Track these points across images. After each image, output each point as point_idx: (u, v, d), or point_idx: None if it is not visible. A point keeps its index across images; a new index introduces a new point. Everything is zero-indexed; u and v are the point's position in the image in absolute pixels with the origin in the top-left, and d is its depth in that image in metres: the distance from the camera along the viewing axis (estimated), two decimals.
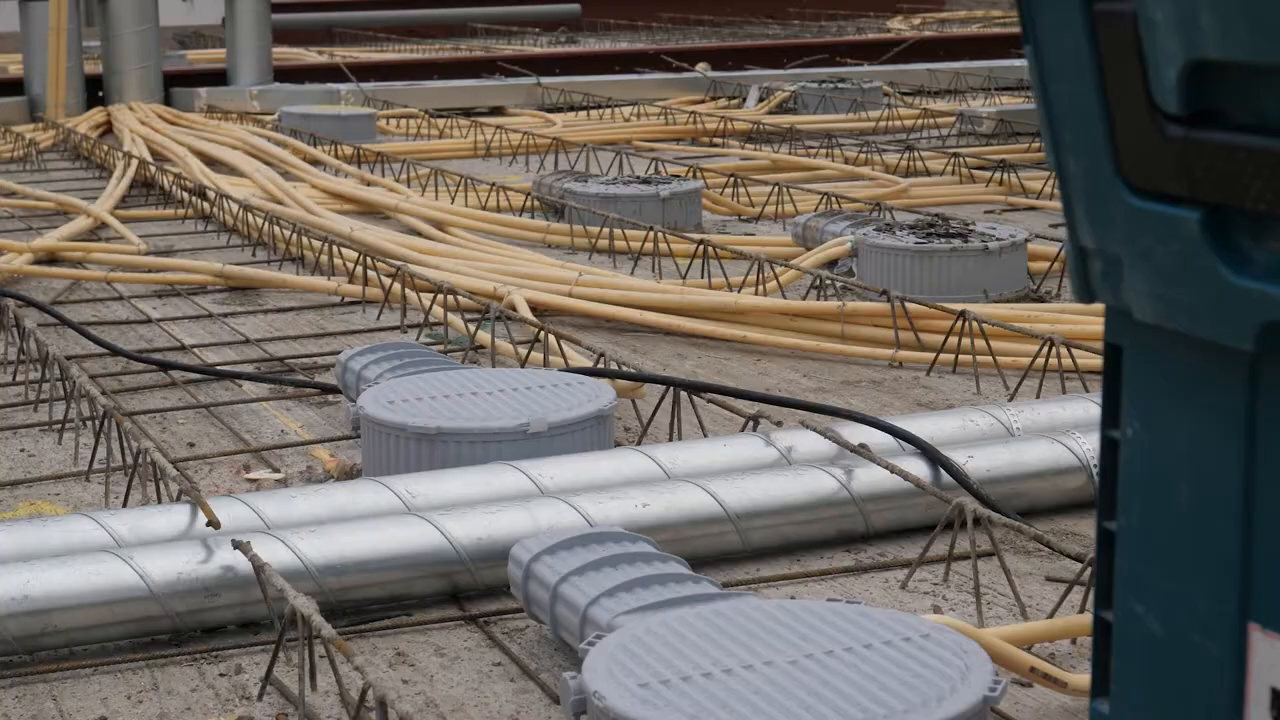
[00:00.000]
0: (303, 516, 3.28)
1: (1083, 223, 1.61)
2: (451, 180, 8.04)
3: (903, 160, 8.75)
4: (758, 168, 8.86)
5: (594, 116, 11.63)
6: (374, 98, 12.08)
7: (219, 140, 9.82)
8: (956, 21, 22.01)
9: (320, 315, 5.79)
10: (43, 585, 2.93)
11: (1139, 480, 1.65)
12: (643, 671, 2.41)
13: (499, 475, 3.45)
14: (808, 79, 12.60)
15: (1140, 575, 1.66)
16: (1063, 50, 1.56)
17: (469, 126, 10.65)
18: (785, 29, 21.10)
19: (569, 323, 5.44)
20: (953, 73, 13.31)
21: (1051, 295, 5.83)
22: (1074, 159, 1.59)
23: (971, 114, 10.41)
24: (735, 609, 2.63)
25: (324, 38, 20.19)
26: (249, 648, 3.03)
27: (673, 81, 12.99)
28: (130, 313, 5.86)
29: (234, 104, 12.02)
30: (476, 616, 3.15)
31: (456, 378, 3.98)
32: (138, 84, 12.02)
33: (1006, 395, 4.58)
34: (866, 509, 3.48)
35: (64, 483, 4.00)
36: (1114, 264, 1.59)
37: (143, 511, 3.25)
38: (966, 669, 2.38)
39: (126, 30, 11.94)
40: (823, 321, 5.22)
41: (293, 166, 8.81)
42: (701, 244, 5.98)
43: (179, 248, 7.08)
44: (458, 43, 19.17)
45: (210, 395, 4.75)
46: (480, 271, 5.91)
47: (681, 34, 20.60)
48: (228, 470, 4.07)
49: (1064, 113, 1.58)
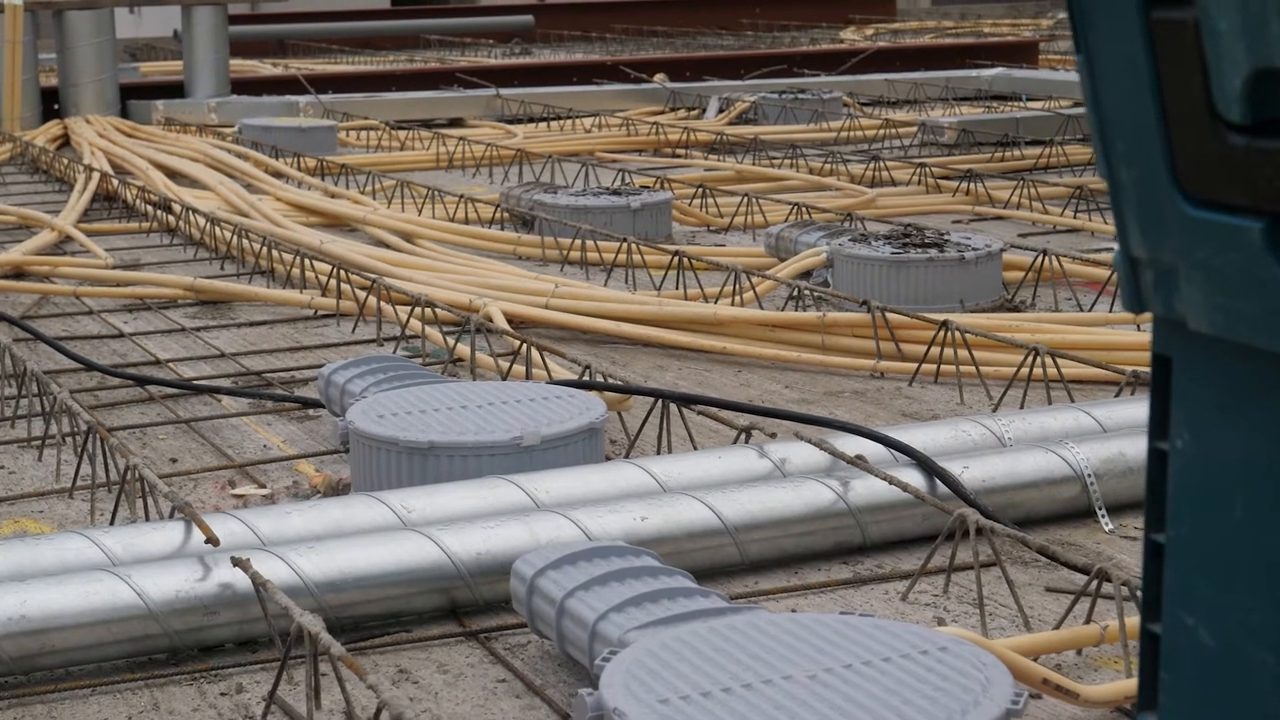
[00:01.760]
0: (298, 533, 3.24)
1: (1135, 233, 1.59)
2: (418, 192, 8.00)
3: (868, 170, 8.76)
4: (723, 179, 8.85)
5: (555, 128, 11.61)
6: (333, 110, 12.03)
7: (179, 153, 9.75)
8: (909, 32, 22.09)
9: (294, 329, 5.75)
10: (40, 605, 2.89)
11: (1190, 492, 1.64)
12: (661, 688, 2.38)
13: (494, 489, 3.43)
14: (767, 90, 12.61)
15: (1191, 587, 1.65)
16: (1117, 59, 1.54)
17: (431, 138, 10.61)
18: (739, 40, 21.13)
19: (546, 335, 5.41)
20: (911, 83, 13.35)
21: (1026, 305, 5.83)
22: (1127, 168, 1.58)
23: (933, 124, 10.44)
24: (748, 623, 2.61)
25: (276, 50, 20.10)
26: (249, 666, 2.99)
27: (632, 92, 12.99)
28: (102, 327, 5.81)
29: (192, 116, 11.95)
30: (477, 632, 3.12)
31: (445, 391, 3.95)
32: (94, 96, 11.94)
33: (990, 405, 4.58)
34: (864, 520, 3.46)
35: (47, 500, 3.95)
36: (1167, 274, 1.58)
37: (136, 529, 3.21)
38: (987, 682, 2.37)
39: (83, 43, 11.85)
40: (801, 332, 5.21)
41: (255, 179, 8.76)
42: (677, 255, 5.97)
43: (145, 261, 7.02)
44: (411, 54, 19.11)
45: (189, 410, 4.70)
46: (454, 284, 5.88)
47: (635, 45, 20.60)
48: (212, 486, 4.03)
49: (1117, 122, 1.57)
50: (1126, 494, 3.71)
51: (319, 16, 21.86)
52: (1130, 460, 3.70)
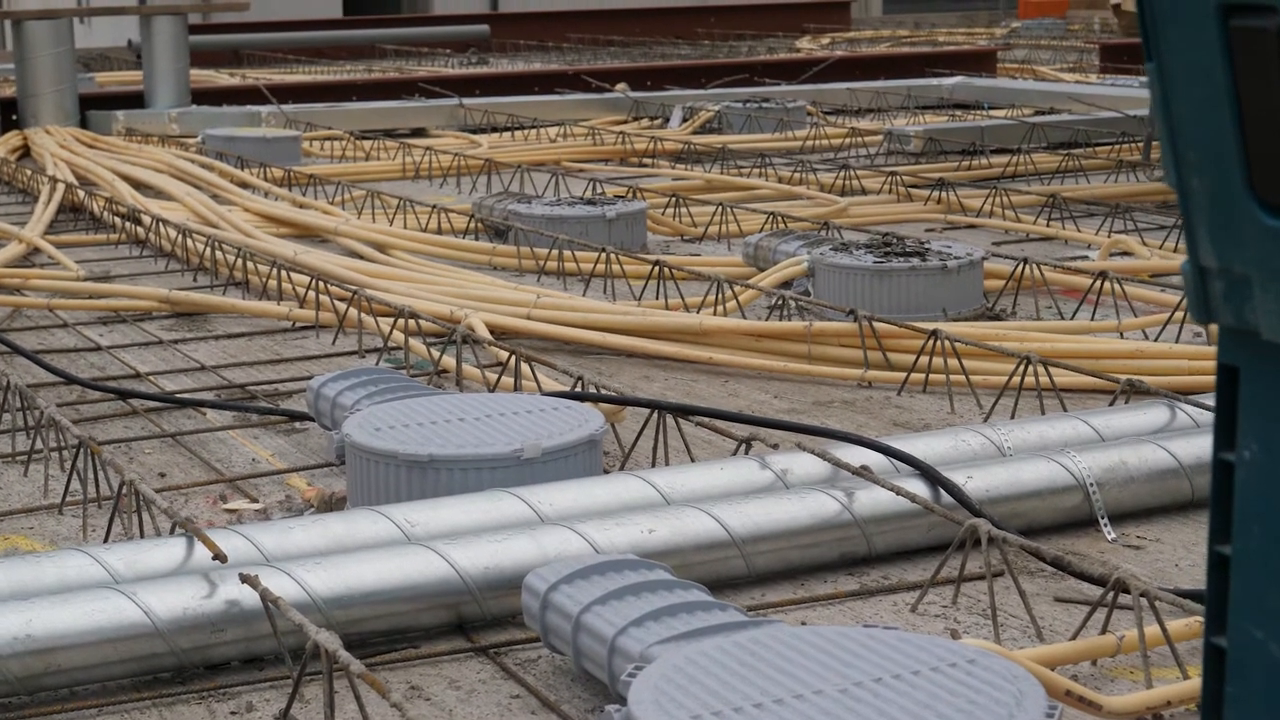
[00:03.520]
0: (301, 548, 3.20)
1: (1205, 242, 1.58)
2: (389, 203, 7.95)
3: (838, 179, 8.75)
4: (693, 188, 8.83)
5: (519, 137, 11.57)
6: (295, 120, 11.96)
7: (143, 164, 9.67)
8: (865, 41, 22.14)
9: (273, 341, 5.70)
10: (45, 623, 2.84)
11: (1258, 503, 1.62)
12: (692, 704, 2.36)
13: (497, 503, 3.39)
14: (730, 99, 12.61)
15: (1261, 600, 1.63)
16: (1191, 67, 1.53)
17: (397, 148, 10.56)
18: (696, 49, 21.13)
19: (527, 345, 5.37)
20: (873, 92, 13.36)
21: (1006, 314, 5.83)
22: (1199, 177, 1.56)
23: (900, 133, 10.45)
24: (771, 637, 2.59)
25: (231, 59, 20.00)
26: (257, 684, 2.95)
27: (595, 102, 12.97)
28: (77, 340, 5.74)
29: (153, 127, 11.86)
30: (487, 648, 3.08)
31: (441, 404, 3.91)
32: (53, 107, 11.83)
33: (980, 414, 4.57)
34: (869, 531, 3.44)
35: (36, 516, 3.89)
36: (1239, 284, 1.56)
37: (138, 545, 3.16)
38: (1021, 695, 2.35)
39: (42, 53, 11.75)
40: (786, 342, 5.19)
41: (222, 190, 8.69)
42: (657, 265, 5.94)
43: (116, 273, 6.95)
44: (369, 64, 19.04)
45: (173, 424, 4.65)
46: (434, 295, 5.83)
47: (593, 54, 20.58)
48: (204, 501, 3.98)
49: (1189, 130, 1.55)
50: (1129, 503, 3.71)
51: (272, 26, 21.76)
52: (1131, 469, 3.70)
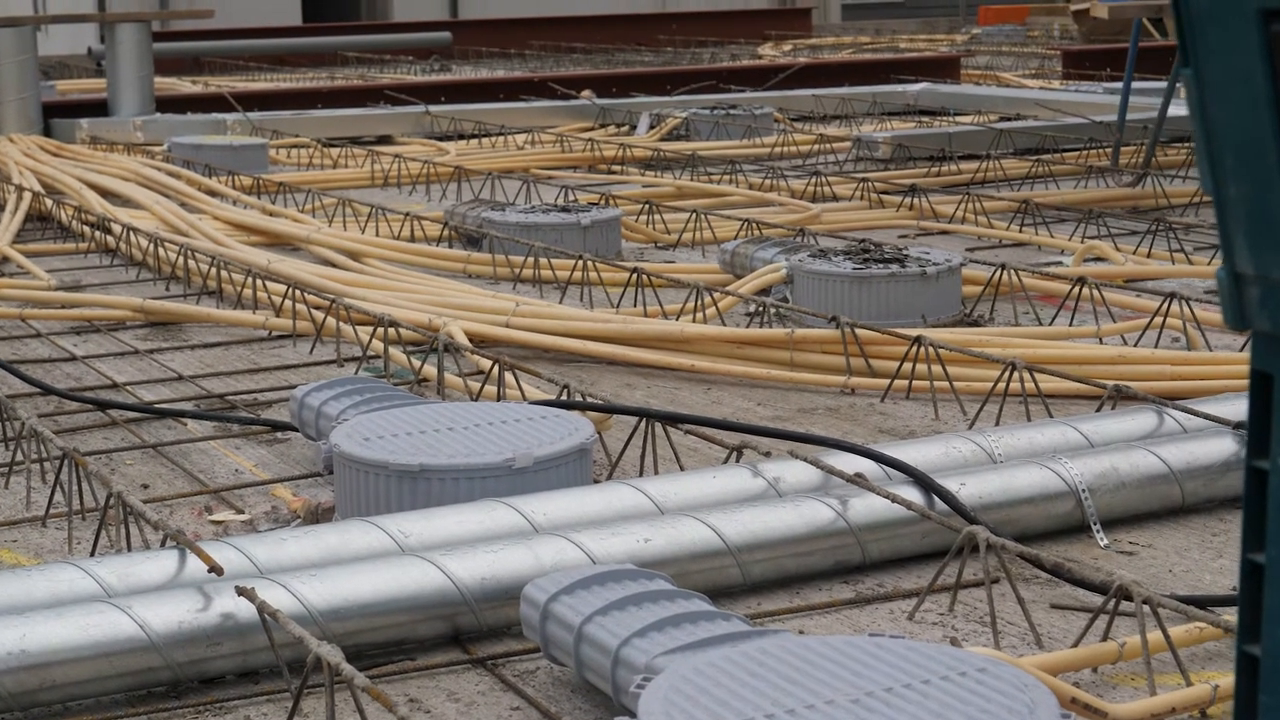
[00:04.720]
0: (294, 560, 3.17)
1: (1241, 248, 1.57)
2: (360, 211, 7.91)
3: (809, 186, 8.75)
4: (664, 195, 8.82)
5: (486, 144, 11.54)
6: (261, 127, 11.90)
7: (110, 172, 9.59)
8: (827, 48, 22.17)
9: (250, 350, 5.66)
10: (40, 638, 2.81)
11: None
12: (703, 715, 2.34)
13: (490, 512, 3.37)
14: (697, 105, 12.60)
15: None
16: (1230, 73, 1.52)
17: (365, 156, 10.52)
18: (659, 56, 21.13)
19: (507, 354, 5.34)
20: (838, 98, 13.38)
21: (985, 319, 5.83)
22: (1235, 184, 1.55)
23: (868, 139, 10.46)
24: (777, 646, 2.57)
25: (192, 67, 19.90)
26: (254, 698, 2.92)
27: (561, 109, 12.94)
28: (52, 350, 5.69)
29: (117, 135, 11.78)
30: (485, 659, 3.06)
31: (429, 413, 3.88)
32: (16, 115, 11.74)
33: (965, 420, 4.57)
34: (864, 539, 3.43)
35: (19, 528, 3.84)
36: (1276, 290, 1.55)
37: (129, 558, 3.13)
38: (1033, 704, 2.34)
39: (5, 60, 11.66)
40: (768, 349, 5.17)
41: (191, 198, 8.63)
42: (635, 272, 5.92)
43: (87, 282, 6.90)
44: (331, 71, 18.97)
45: (154, 435, 4.61)
46: (411, 303, 5.80)
47: (555, 61, 20.55)
48: (189, 513, 3.94)
49: (1226, 136, 1.55)
50: (1120, 508, 3.71)
51: (233, 34, 21.64)
52: (1123, 475, 3.70)
